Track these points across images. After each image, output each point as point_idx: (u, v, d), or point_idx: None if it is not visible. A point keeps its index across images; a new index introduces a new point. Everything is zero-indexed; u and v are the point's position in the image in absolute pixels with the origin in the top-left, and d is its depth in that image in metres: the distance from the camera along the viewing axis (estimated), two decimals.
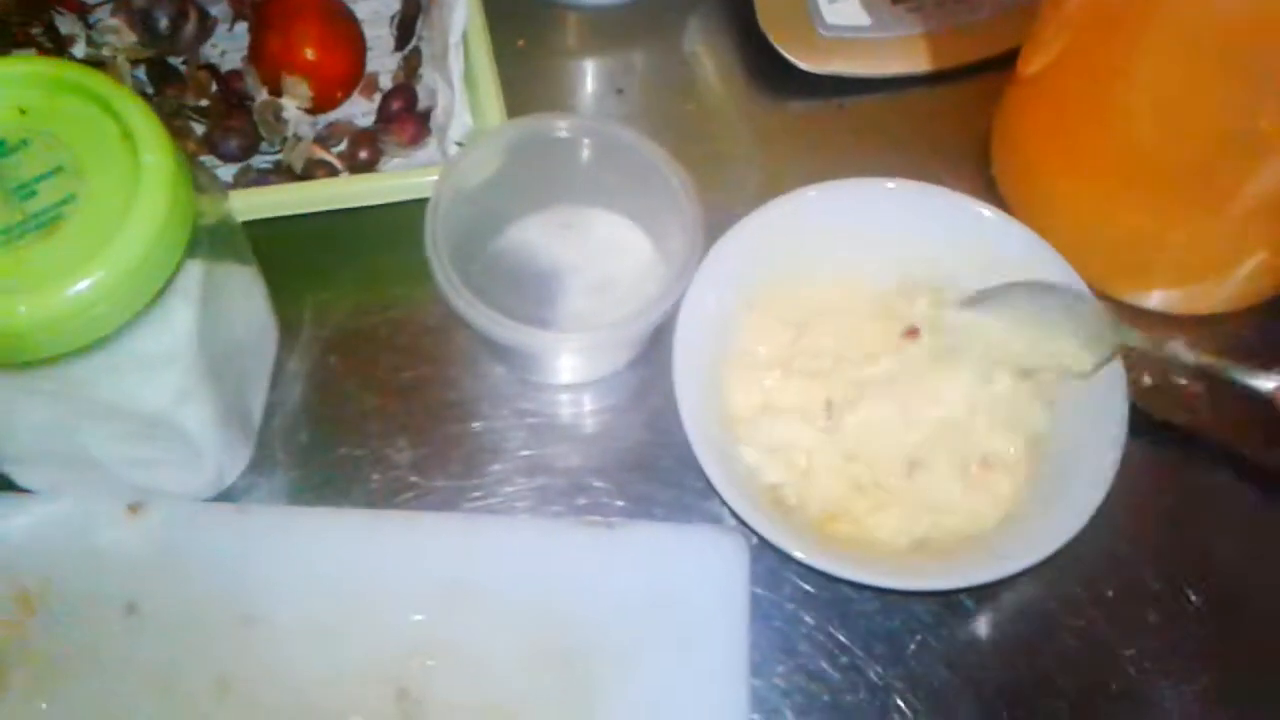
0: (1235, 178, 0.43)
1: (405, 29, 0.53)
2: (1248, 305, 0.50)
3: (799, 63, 0.54)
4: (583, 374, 0.47)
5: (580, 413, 0.47)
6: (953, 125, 0.55)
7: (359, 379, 0.47)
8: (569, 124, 0.46)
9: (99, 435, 0.39)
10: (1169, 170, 0.45)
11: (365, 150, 0.49)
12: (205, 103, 0.51)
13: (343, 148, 0.50)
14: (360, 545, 0.42)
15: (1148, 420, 0.44)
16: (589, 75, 0.57)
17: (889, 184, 0.47)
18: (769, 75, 0.55)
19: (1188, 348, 0.41)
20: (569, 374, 0.47)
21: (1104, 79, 0.44)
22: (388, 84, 0.53)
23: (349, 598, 0.41)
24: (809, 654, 0.42)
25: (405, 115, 0.50)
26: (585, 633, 0.41)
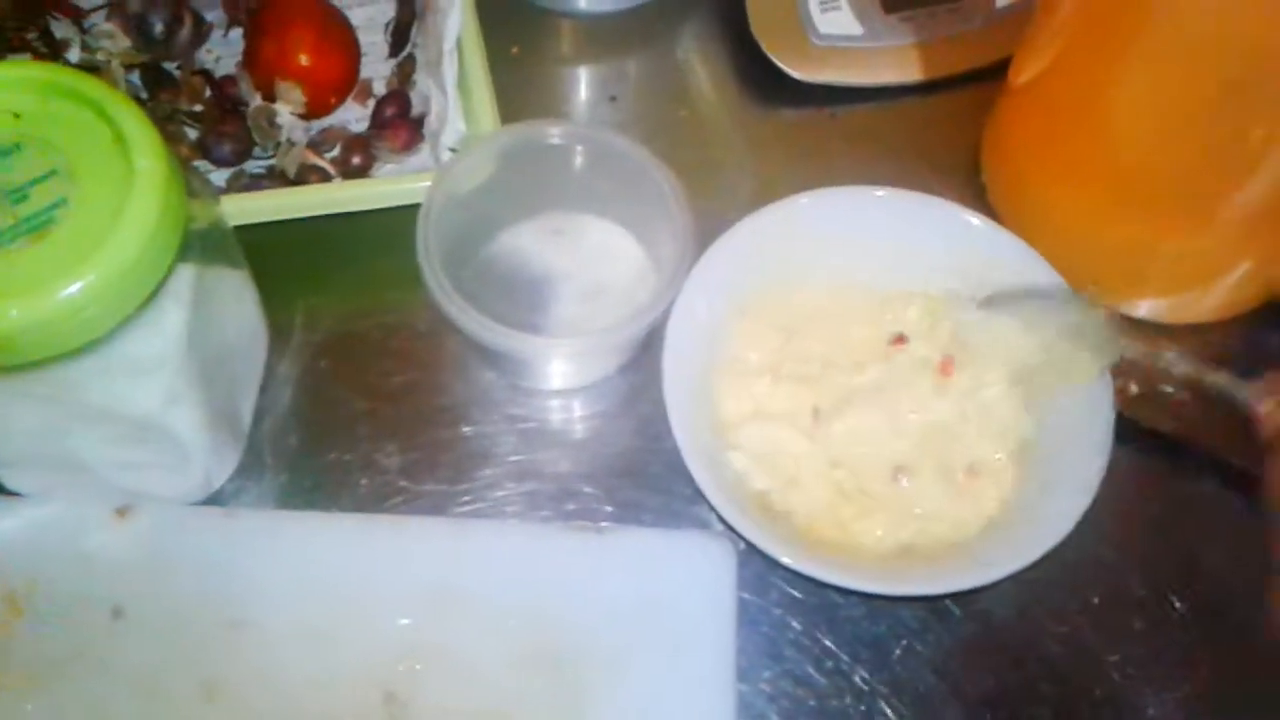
0: (1224, 188, 0.43)
1: (400, 35, 0.53)
2: (1235, 314, 0.50)
3: (791, 71, 0.54)
4: (573, 380, 0.48)
5: (570, 418, 0.47)
6: (944, 134, 0.55)
7: (349, 383, 0.47)
8: (561, 130, 0.46)
9: (89, 438, 0.39)
10: (1158, 180, 0.45)
11: (358, 156, 0.50)
12: (199, 108, 0.51)
13: (336, 153, 0.50)
14: (349, 550, 0.42)
15: (1134, 428, 0.44)
16: (582, 82, 0.57)
17: (879, 192, 0.47)
18: (761, 83, 0.56)
19: (1183, 359, 0.41)
20: (560, 380, 0.48)
21: (1095, 89, 0.44)
22: (382, 90, 0.53)
23: (337, 602, 0.41)
24: (795, 659, 0.42)
25: (399, 121, 0.51)
26: (573, 637, 0.41)
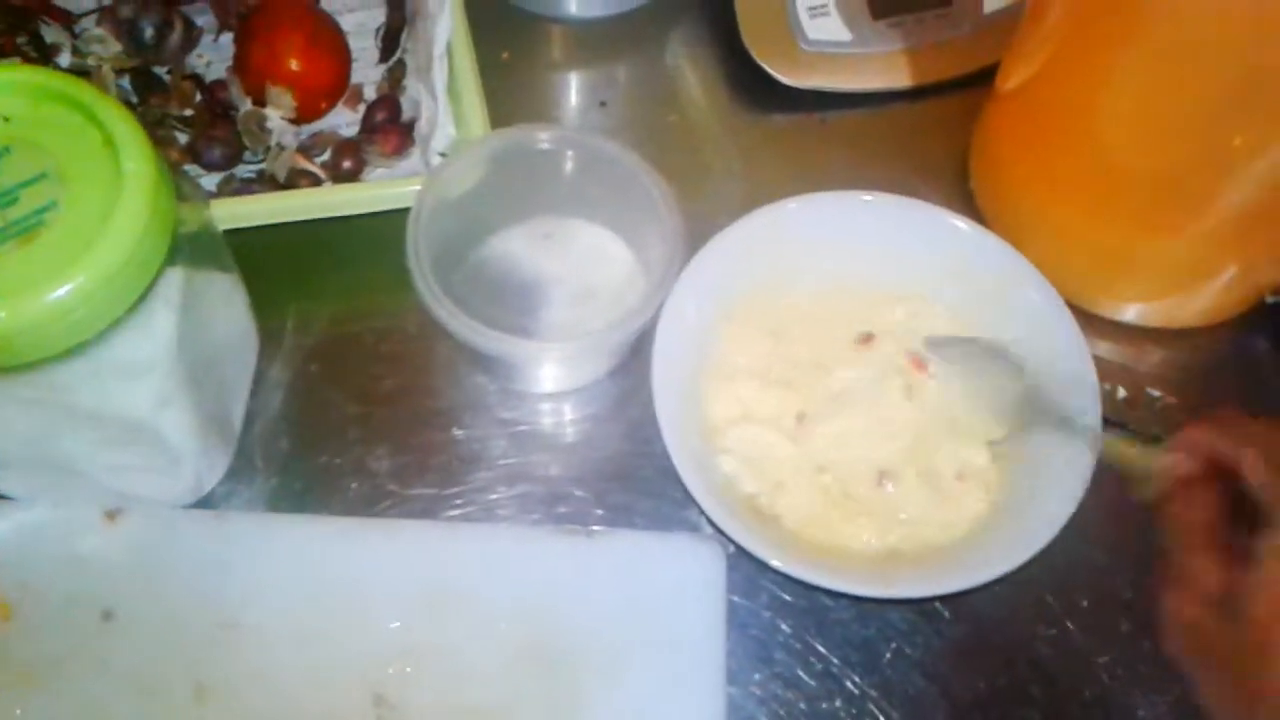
0: (1210, 193, 0.44)
1: (390, 41, 0.54)
2: (1223, 319, 0.51)
3: (781, 77, 0.55)
4: (564, 383, 0.48)
5: (561, 422, 0.47)
6: (932, 140, 0.55)
7: (340, 387, 0.47)
8: (551, 135, 0.46)
9: (79, 441, 0.39)
10: (1144, 185, 0.45)
11: (349, 160, 0.50)
12: (189, 112, 0.51)
13: (326, 158, 0.50)
14: (340, 553, 0.42)
15: (1122, 431, 0.44)
16: (573, 88, 0.58)
17: (867, 197, 0.47)
18: (751, 89, 0.56)
19: (1090, 426, 0.41)
20: (550, 383, 0.48)
21: (1081, 95, 0.44)
22: (372, 95, 0.53)
23: (327, 604, 0.41)
24: (785, 662, 0.43)
25: (389, 126, 0.51)
26: (564, 640, 0.41)
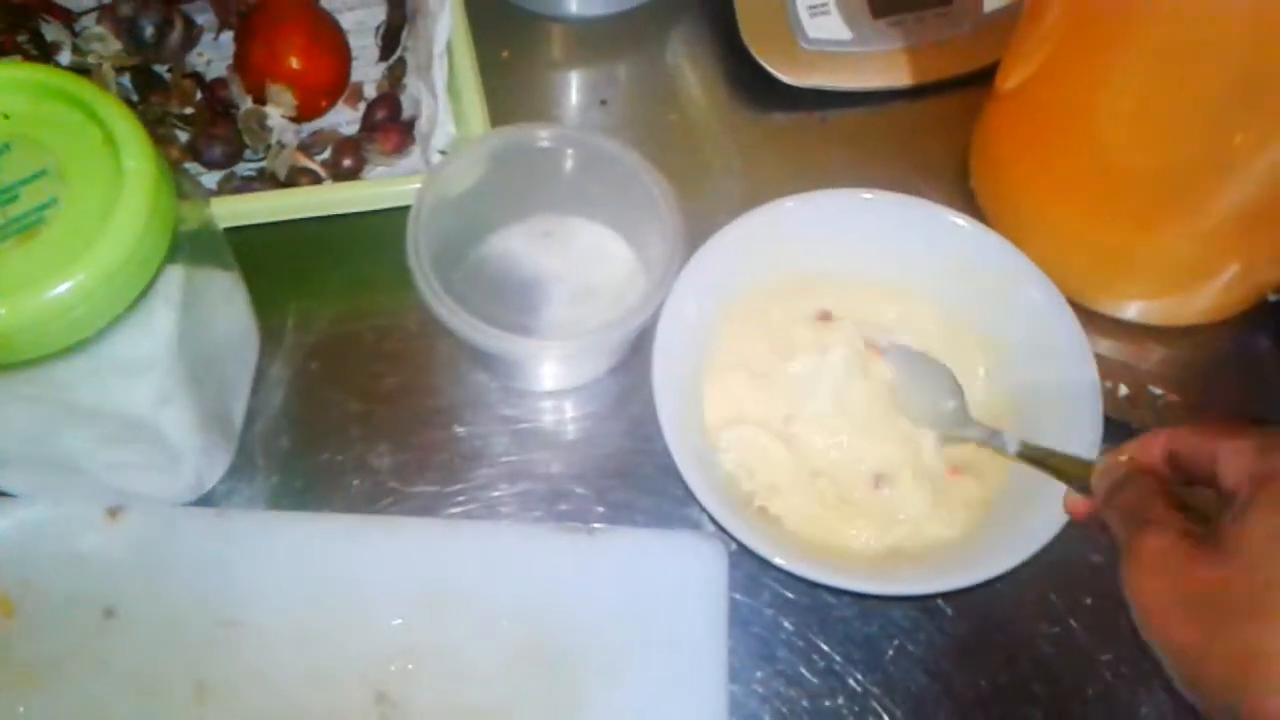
0: (1210, 192, 0.44)
1: (390, 39, 0.54)
2: (1225, 317, 0.51)
3: (781, 76, 0.55)
4: (564, 381, 0.48)
5: (562, 419, 0.47)
6: (933, 139, 0.55)
7: (341, 385, 0.47)
8: (551, 134, 0.46)
9: (80, 439, 0.39)
10: (1144, 184, 0.45)
11: (349, 158, 0.50)
12: (190, 110, 0.51)
13: (326, 156, 0.50)
14: (341, 551, 0.42)
15: (1124, 429, 0.44)
16: (573, 86, 0.58)
17: (867, 195, 0.47)
18: (751, 87, 0.56)
19: (1016, 441, 0.42)
20: (551, 381, 0.48)
21: (1081, 94, 0.44)
22: (372, 93, 0.53)
23: (329, 603, 0.41)
24: (788, 659, 0.42)
25: (389, 124, 0.51)
26: (565, 637, 0.41)
